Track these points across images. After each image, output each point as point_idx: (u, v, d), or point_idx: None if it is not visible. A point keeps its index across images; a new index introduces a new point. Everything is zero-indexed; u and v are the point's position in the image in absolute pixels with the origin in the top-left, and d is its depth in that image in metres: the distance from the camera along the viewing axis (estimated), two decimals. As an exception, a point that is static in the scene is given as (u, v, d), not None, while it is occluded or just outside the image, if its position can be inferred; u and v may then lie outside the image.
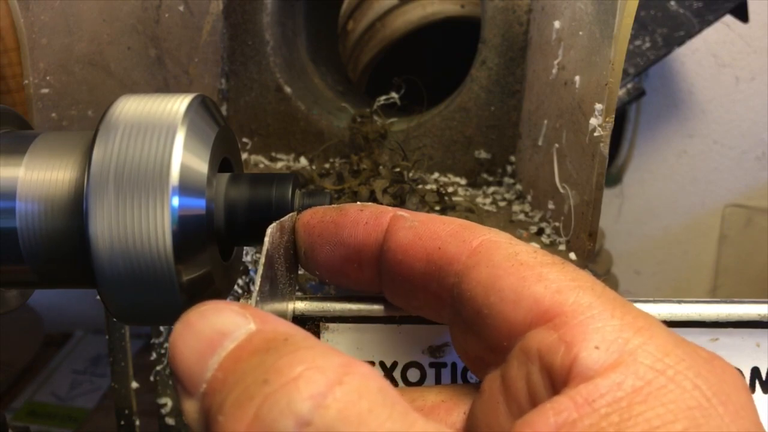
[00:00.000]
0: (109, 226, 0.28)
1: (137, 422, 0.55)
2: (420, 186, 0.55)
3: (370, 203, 0.29)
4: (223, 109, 0.66)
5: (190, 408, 0.20)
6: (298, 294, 0.32)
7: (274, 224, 0.27)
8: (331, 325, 0.32)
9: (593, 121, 0.43)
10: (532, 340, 0.22)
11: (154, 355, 0.54)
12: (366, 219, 0.28)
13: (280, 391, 0.18)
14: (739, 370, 0.35)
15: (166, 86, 0.58)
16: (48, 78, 0.46)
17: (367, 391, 0.19)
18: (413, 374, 0.33)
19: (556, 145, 0.50)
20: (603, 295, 0.22)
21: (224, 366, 0.20)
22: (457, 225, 0.26)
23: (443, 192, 0.54)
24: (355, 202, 0.51)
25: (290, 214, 0.30)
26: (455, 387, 0.28)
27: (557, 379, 0.21)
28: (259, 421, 0.18)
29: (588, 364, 0.20)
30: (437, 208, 0.53)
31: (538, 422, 0.20)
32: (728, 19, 0.70)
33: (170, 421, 0.54)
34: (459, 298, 0.25)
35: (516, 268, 0.23)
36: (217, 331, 0.21)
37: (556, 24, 0.51)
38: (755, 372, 0.35)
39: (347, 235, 0.28)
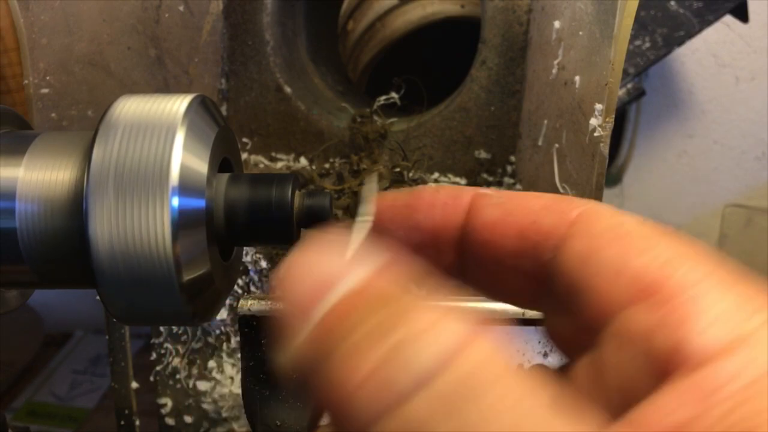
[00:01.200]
0: (109, 227, 0.28)
1: (137, 422, 0.55)
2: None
3: (445, 184, 0.27)
4: (223, 109, 0.66)
5: (291, 350, 0.19)
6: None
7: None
8: (331, 326, 0.32)
9: (593, 121, 0.43)
10: (630, 319, 0.19)
11: (154, 355, 0.54)
12: (443, 200, 0.25)
13: (408, 343, 0.17)
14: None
15: (166, 86, 0.58)
16: (48, 78, 0.46)
17: (500, 357, 0.17)
18: (413, 374, 0.33)
19: (556, 145, 0.50)
20: (718, 267, 0.19)
21: (342, 305, 0.18)
22: (551, 198, 0.23)
23: (443, 192, 0.54)
24: (355, 202, 0.51)
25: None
26: (535, 370, 0.25)
27: (660, 366, 0.18)
28: (378, 374, 0.17)
29: (699, 347, 0.17)
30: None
31: (650, 420, 0.17)
32: (728, 19, 0.70)
33: (170, 421, 0.54)
34: (553, 273, 0.22)
35: (619, 239, 0.21)
36: (339, 265, 0.19)
37: (556, 24, 0.51)
38: (755, 372, 0.35)
39: (422, 218, 0.25)
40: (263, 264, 0.51)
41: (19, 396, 0.76)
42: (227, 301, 0.51)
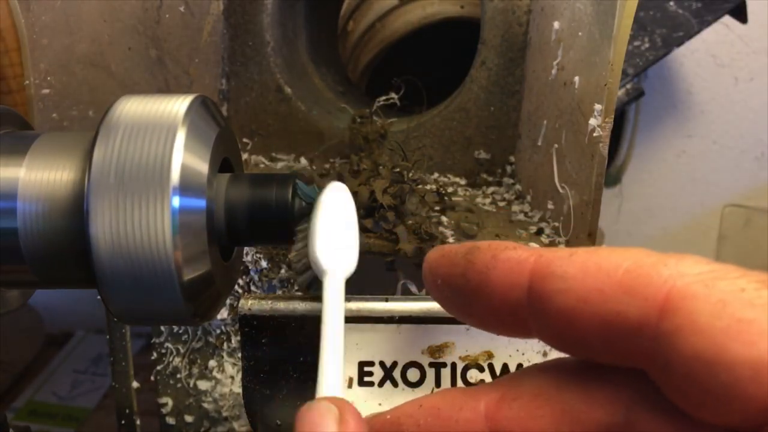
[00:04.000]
0: (109, 227, 0.28)
1: (138, 421, 0.55)
2: (420, 186, 0.55)
3: (503, 243, 0.24)
4: (224, 110, 0.67)
5: None
6: (297, 293, 0.32)
7: None
8: (331, 325, 0.32)
9: (592, 122, 0.44)
10: None
11: (154, 355, 0.54)
12: (501, 268, 0.22)
13: None
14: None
15: (167, 87, 0.58)
16: (49, 78, 0.47)
17: None
18: (413, 374, 0.33)
19: (556, 145, 0.50)
20: None
21: None
22: (623, 272, 0.20)
23: (443, 192, 0.54)
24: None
25: None
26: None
27: None
28: None
29: None
30: (437, 208, 0.53)
31: None
32: (727, 19, 0.70)
33: (171, 420, 0.54)
34: (665, 368, 0.19)
35: (736, 334, 0.18)
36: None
37: (556, 25, 0.51)
38: (753, 372, 0.35)
39: (476, 280, 0.23)
40: (264, 264, 0.51)
41: (20, 395, 0.77)
42: (228, 301, 0.51)
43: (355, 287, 0.31)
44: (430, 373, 0.33)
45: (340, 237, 0.30)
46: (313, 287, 0.31)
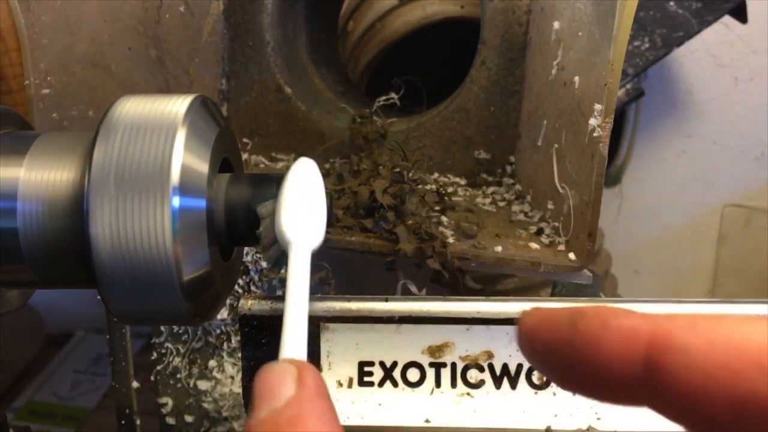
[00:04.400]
0: (109, 227, 0.28)
1: (138, 421, 0.55)
2: (420, 186, 0.55)
3: (613, 308, 0.22)
4: (224, 110, 0.67)
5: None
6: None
7: None
8: (331, 325, 0.33)
9: (592, 122, 0.44)
10: None
11: (154, 355, 0.54)
12: (614, 338, 0.21)
13: None
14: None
15: (167, 87, 0.58)
16: (49, 78, 0.47)
17: None
18: (413, 374, 0.33)
19: (556, 145, 0.50)
20: None
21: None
22: (756, 348, 0.19)
23: (443, 192, 0.54)
24: (355, 202, 0.51)
25: None
26: None
27: None
28: None
29: None
30: (437, 208, 0.53)
31: None
32: (727, 19, 0.70)
33: (170, 420, 0.54)
34: None
35: None
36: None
37: (556, 25, 0.51)
38: (753, 371, 0.35)
39: (584, 349, 0.22)
40: (264, 264, 0.51)
41: (20, 395, 0.77)
42: (228, 301, 0.51)
43: (355, 287, 0.31)
44: (430, 373, 0.33)
45: (306, 210, 0.30)
46: (280, 263, 0.31)
